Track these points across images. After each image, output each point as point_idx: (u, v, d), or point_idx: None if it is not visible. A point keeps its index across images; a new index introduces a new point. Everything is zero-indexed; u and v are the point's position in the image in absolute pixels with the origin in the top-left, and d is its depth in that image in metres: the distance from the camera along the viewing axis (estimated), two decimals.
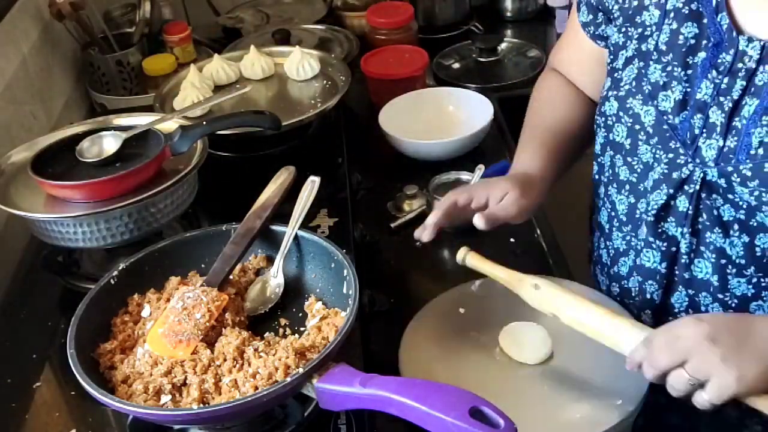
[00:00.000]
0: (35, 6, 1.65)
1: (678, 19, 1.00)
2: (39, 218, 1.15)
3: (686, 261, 1.02)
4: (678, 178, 0.99)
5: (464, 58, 1.94)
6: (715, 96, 0.95)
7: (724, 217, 0.97)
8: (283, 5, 2.15)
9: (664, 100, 1.00)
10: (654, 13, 1.02)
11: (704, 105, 0.96)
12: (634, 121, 1.03)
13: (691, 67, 0.98)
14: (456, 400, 0.77)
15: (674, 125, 0.99)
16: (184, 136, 1.21)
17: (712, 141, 0.96)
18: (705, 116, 0.96)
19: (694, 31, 0.98)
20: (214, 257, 1.06)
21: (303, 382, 0.86)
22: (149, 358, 0.94)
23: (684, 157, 0.99)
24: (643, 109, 1.02)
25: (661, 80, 1.00)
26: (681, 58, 0.99)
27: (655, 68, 1.01)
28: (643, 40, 1.03)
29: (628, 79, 1.04)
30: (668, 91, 0.99)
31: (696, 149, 0.97)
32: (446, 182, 1.40)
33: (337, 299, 1.01)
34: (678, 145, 0.99)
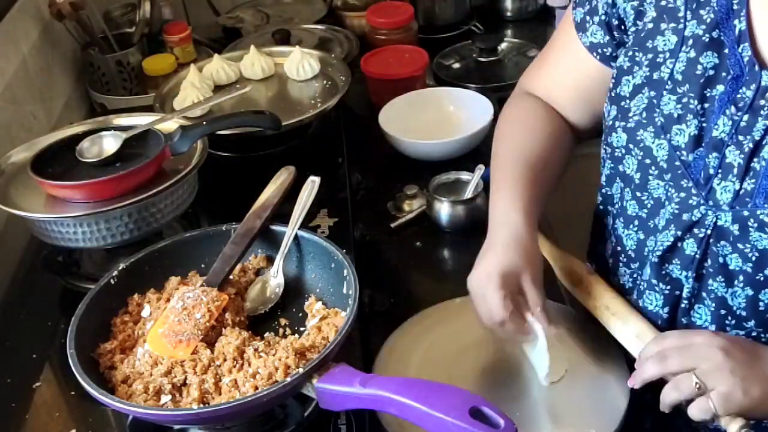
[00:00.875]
0: (35, 6, 1.65)
1: (697, 47, 0.92)
2: (39, 218, 1.15)
3: (686, 306, 0.97)
4: (688, 220, 0.93)
5: (464, 58, 1.94)
6: (733, 134, 0.88)
7: (730, 266, 0.91)
8: (283, 5, 2.15)
9: (678, 134, 0.93)
10: (670, 39, 0.95)
11: (720, 143, 0.89)
12: (645, 155, 0.96)
13: (708, 100, 0.91)
14: (456, 400, 0.77)
15: (687, 162, 0.92)
16: (184, 136, 1.21)
17: (728, 183, 0.89)
18: (721, 155, 0.89)
19: (713, 62, 0.91)
20: (214, 257, 1.06)
21: (303, 382, 0.86)
22: (149, 358, 0.94)
23: (696, 198, 0.92)
24: (655, 142, 0.95)
25: (676, 113, 0.93)
26: (698, 89, 0.91)
27: (669, 99, 0.94)
28: (656, 67, 0.96)
29: (638, 109, 0.97)
30: (683, 124, 0.92)
31: (710, 191, 0.91)
32: (446, 182, 1.40)
33: (337, 299, 1.01)
34: (691, 184, 0.92)
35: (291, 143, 1.50)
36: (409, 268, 1.31)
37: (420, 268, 1.30)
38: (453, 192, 1.38)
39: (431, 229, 1.37)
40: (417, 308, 1.19)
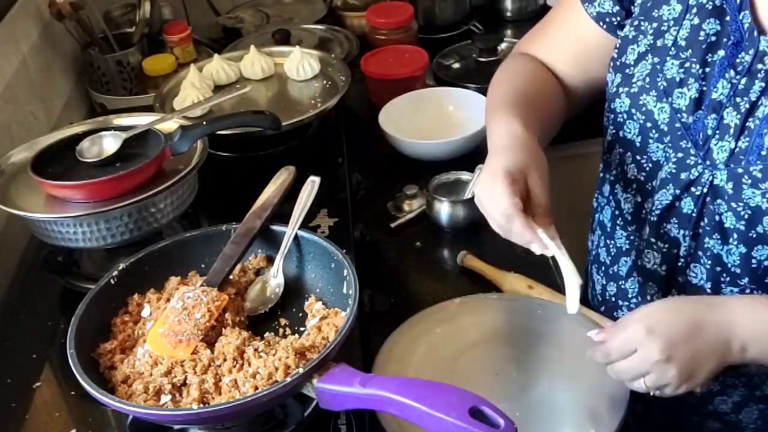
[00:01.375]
0: (35, 6, 1.65)
1: (701, 14, 0.96)
2: (39, 218, 1.14)
3: (683, 265, 1.01)
4: (686, 179, 0.97)
5: (464, 58, 1.94)
6: (731, 97, 0.93)
7: (725, 224, 0.95)
8: (283, 5, 2.15)
9: (679, 98, 0.97)
10: (675, 8, 0.99)
11: (719, 105, 0.94)
12: (646, 119, 1.00)
13: (710, 65, 0.95)
14: (456, 400, 0.77)
15: (687, 124, 0.96)
16: (184, 136, 1.21)
17: (725, 143, 0.93)
18: (719, 117, 0.94)
19: (716, 28, 0.95)
20: (214, 257, 1.06)
21: (303, 382, 0.86)
22: (149, 358, 0.94)
23: (694, 158, 0.96)
24: (657, 106, 0.99)
25: (678, 77, 0.97)
26: (700, 55, 0.96)
27: (672, 64, 0.98)
28: (659, 35, 1.00)
29: (641, 75, 1.01)
30: (684, 88, 0.96)
31: (707, 151, 0.95)
32: (446, 182, 1.40)
33: (337, 299, 1.01)
34: (689, 145, 0.96)
35: (291, 143, 1.50)
36: (409, 268, 1.31)
37: (420, 268, 1.30)
38: (453, 192, 1.38)
39: (431, 229, 1.37)
40: (417, 308, 1.19)
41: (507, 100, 1.06)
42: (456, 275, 1.27)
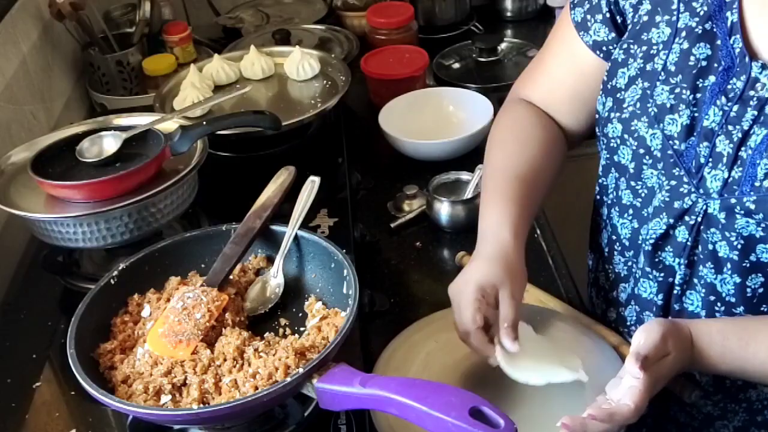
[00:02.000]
0: (35, 6, 1.65)
1: (690, 38, 0.94)
2: (39, 218, 1.14)
3: (679, 293, 0.99)
4: (680, 207, 0.95)
5: (464, 58, 1.94)
6: (723, 124, 0.90)
7: (719, 253, 0.94)
8: (283, 5, 2.15)
9: (670, 124, 0.94)
10: (664, 31, 0.96)
11: (711, 133, 0.91)
12: (639, 144, 0.97)
13: (701, 90, 0.93)
14: (456, 400, 0.77)
15: (680, 152, 0.94)
16: (184, 136, 1.21)
17: (718, 172, 0.91)
18: (711, 145, 0.91)
19: (706, 53, 0.93)
20: (214, 257, 1.06)
21: (303, 382, 0.86)
22: (149, 358, 0.94)
23: (687, 185, 0.94)
24: (649, 132, 0.96)
25: (669, 103, 0.94)
26: (690, 80, 0.93)
27: (662, 89, 0.95)
28: (649, 59, 0.98)
29: (632, 99, 0.98)
30: (675, 114, 0.94)
31: (701, 179, 0.93)
32: (446, 182, 1.40)
33: (337, 299, 1.01)
34: (682, 173, 0.94)
35: (291, 143, 1.50)
36: (409, 268, 1.31)
37: (420, 268, 1.30)
38: (453, 192, 1.39)
39: (431, 229, 1.37)
40: (417, 308, 1.19)
41: (506, 188, 1.05)
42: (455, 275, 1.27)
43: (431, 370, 1.04)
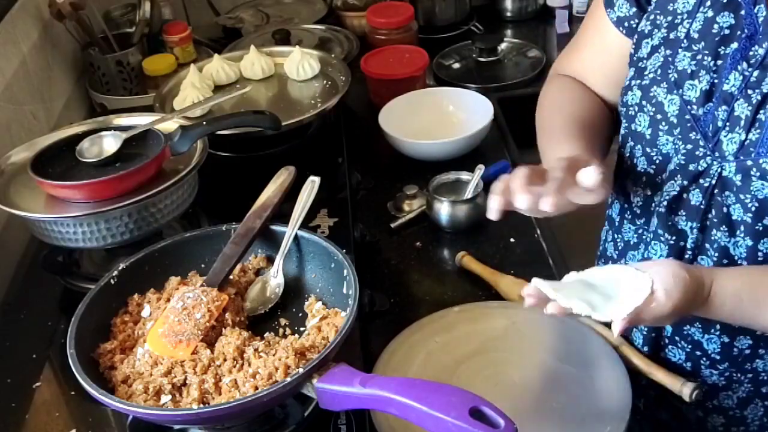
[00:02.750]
0: (35, 6, 1.65)
1: (715, 7, 0.96)
2: (39, 218, 1.14)
3: (690, 257, 1.01)
4: (694, 170, 0.97)
5: (464, 58, 1.94)
6: (743, 89, 0.93)
7: (733, 216, 0.95)
8: (283, 5, 2.15)
9: (690, 89, 0.97)
10: (689, 1, 0.99)
11: (730, 97, 0.93)
12: (657, 110, 1.00)
13: (722, 57, 0.95)
14: (456, 400, 0.77)
15: (698, 116, 0.96)
16: (184, 136, 1.21)
17: (735, 135, 0.93)
18: (730, 109, 0.93)
19: (729, 21, 0.95)
20: (214, 257, 1.06)
21: (303, 382, 0.86)
22: (149, 358, 0.94)
23: (703, 149, 0.96)
24: (668, 98, 0.99)
25: (689, 68, 0.97)
26: (713, 47, 0.95)
27: (684, 56, 0.98)
28: (673, 28, 1.00)
29: (653, 67, 1.01)
30: (695, 80, 0.96)
31: (717, 142, 0.95)
32: (446, 182, 1.40)
33: (337, 299, 1.01)
34: (699, 136, 0.96)
35: (291, 143, 1.50)
36: (409, 268, 1.31)
37: (420, 268, 1.30)
38: (453, 192, 1.38)
39: (431, 229, 1.37)
40: (417, 308, 1.19)
41: (565, 128, 1.07)
42: (456, 275, 1.27)
43: (431, 370, 1.04)
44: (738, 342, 1.01)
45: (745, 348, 1.01)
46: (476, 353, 1.06)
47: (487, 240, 1.33)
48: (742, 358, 1.02)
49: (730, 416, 1.08)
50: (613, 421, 0.94)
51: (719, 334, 1.02)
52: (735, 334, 1.01)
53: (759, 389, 1.05)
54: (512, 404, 0.96)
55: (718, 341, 1.02)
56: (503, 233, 1.33)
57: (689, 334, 1.05)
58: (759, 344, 1.01)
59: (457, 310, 1.13)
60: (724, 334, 1.02)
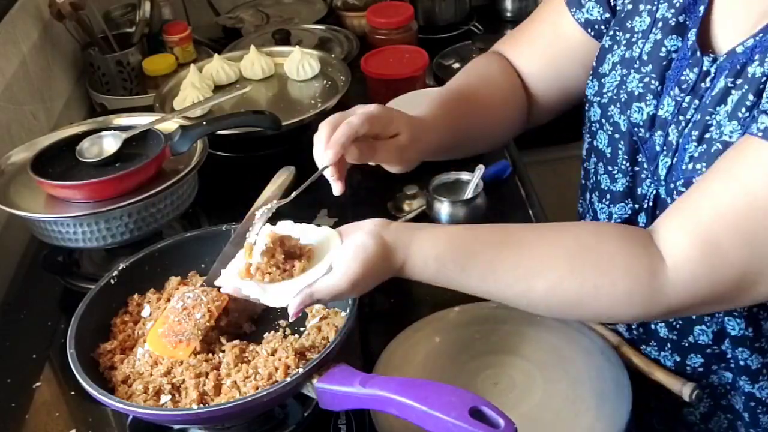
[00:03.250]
0: (35, 6, 1.65)
1: (664, 30, 0.96)
2: (39, 218, 1.15)
3: None
4: (640, 193, 0.99)
5: (464, 58, 1.93)
6: (676, 114, 0.93)
7: None
8: (283, 5, 2.15)
9: (636, 112, 0.97)
10: (645, 20, 0.99)
11: (665, 123, 0.94)
12: (614, 130, 1.00)
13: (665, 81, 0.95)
14: (456, 400, 0.77)
15: (644, 139, 0.97)
16: (184, 136, 1.21)
17: (667, 159, 0.94)
18: (665, 134, 0.94)
19: (677, 45, 0.94)
20: (214, 257, 1.05)
21: (303, 382, 0.86)
22: (149, 358, 0.94)
23: (647, 172, 0.97)
24: (621, 118, 0.99)
25: (637, 91, 0.97)
26: (659, 71, 0.95)
27: (633, 77, 0.98)
28: (629, 46, 1.00)
29: (611, 86, 1.01)
30: (642, 103, 0.96)
31: (656, 167, 0.96)
32: (446, 182, 1.39)
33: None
34: (644, 159, 0.97)
35: (291, 143, 1.50)
36: None
37: None
38: (453, 192, 1.38)
39: None
40: (417, 309, 1.19)
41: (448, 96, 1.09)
42: None
43: (431, 370, 1.04)
44: (689, 360, 1.02)
45: (697, 366, 1.02)
46: (476, 353, 1.06)
47: None
48: (697, 375, 1.02)
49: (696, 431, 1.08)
50: (613, 420, 0.94)
51: (671, 353, 1.02)
52: (685, 352, 1.01)
53: (719, 402, 1.05)
54: (512, 404, 0.97)
55: (671, 359, 1.03)
56: None
57: (646, 354, 1.05)
58: (711, 361, 1.01)
59: (457, 310, 1.13)
60: (675, 352, 1.02)
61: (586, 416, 0.95)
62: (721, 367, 1.01)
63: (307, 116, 1.46)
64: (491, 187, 1.39)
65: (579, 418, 0.95)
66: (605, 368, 1.01)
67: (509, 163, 1.49)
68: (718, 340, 0.99)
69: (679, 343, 1.01)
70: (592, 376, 1.00)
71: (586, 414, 0.95)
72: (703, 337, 0.99)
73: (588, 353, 1.03)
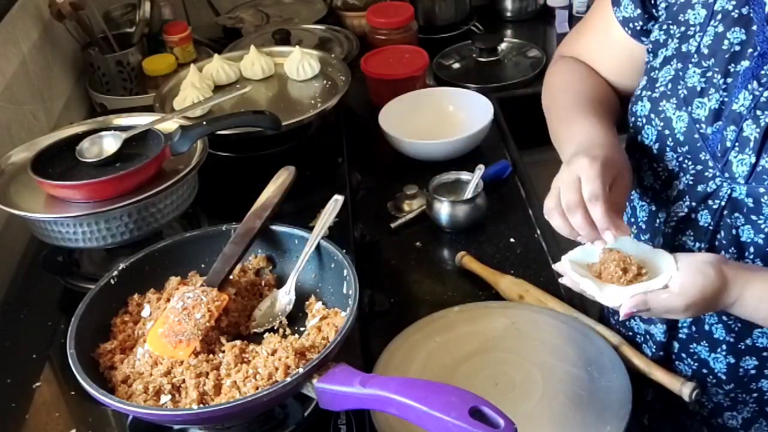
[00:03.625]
0: (35, 6, 1.65)
1: (725, 22, 0.93)
2: (39, 218, 1.14)
3: None
4: (703, 191, 0.95)
5: (464, 58, 1.94)
6: (752, 109, 0.90)
7: (742, 237, 0.94)
8: (283, 5, 2.15)
9: (699, 108, 0.94)
10: (700, 13, 0.96)
11: (739, 117, 0.91)
12: (665, 126, 0.97)
13: (732, 75, 0.92)
14: (456, 400, 0.77)
15: (706, 135, 0.94)
16: (184, 136, 1.21)
17: (744, 156, 0.90)
18: (739, 129, 0.91)
19: (741, 38, 0.92)
20: (214, 257, 1.06)
21: (303, 382, 0.86)
22: (149, 358, 0.94)
23: (712, 170, 0.94)
24: (676, 114, 0.96)
25: (699, 86, 0.94)
26: (723, 64, 0.93)
27: (694, 72, 0.95)
28: (685, 40, 0.97)
29: (664, 80, 0.98)
30: (705, 98, 0.94)
31: (726, 163, 0.92)
32: (446, 182, 1.40)
33: (337, 299, 1.01)
34: (708, 156, 0.94)
35: (291, 143, 1.50)
36: (409, 268, 1.31)
37: (420, 268, 1.30)
38: (453, 192, 1.38)
39: (431, 229, 1.37)
40: (417, 308, 1.19)
41: (576, 106, 1.04)
42: (456, 275, 1.27)
43: (431, 370, 1.04)
44: (744, 362, 1.01)
45: (750, 368, 1.01)
46: (476, 353, 1.06)
47: (487, 240, 1.33)
48: (748, 378, 1.02)
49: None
50: (613, 420, 0.94)
51: (725, 354, 1.01)
52: (741, 354, 1.00)
53: (763, 409, 1.04)
54: (512, 404, 0.97)
55: (724, 361, 1.02)
56: (503, 233, 1.34)
57: (696, 352, 1.04)
58: (765, 365, 1.00)
59: (457, 310, 1.13)
60: (730, 354, 1.01)
61: (586, 416, 0.95)
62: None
63: (307, 116, 1.46)
64: (491, 187, 1.40)
65: (579, 418, 0.95)
66: (605, 368, 1.01)
67: (509, 163, 1.49)
68: None
69: (736, 346, 1.00)
70: (592, 376, 1.00)
71: (586, 414, 0.95)
72: (762, 340, 0.99)
73: (588, 353, 1.03)
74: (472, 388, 0.98)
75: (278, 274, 1.09)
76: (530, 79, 1.83)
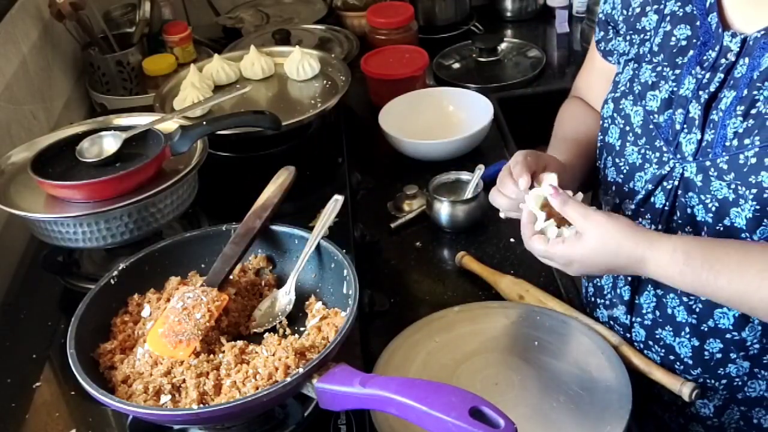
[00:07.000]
0: (35, 6, 1.65)
1: (672, 21, 1.01)
2: (39, 218, 1.14)
3: None
4: (658, 174, 1.00)
5: (464, 58, 1.94)
6: (696, 91, 0.97)
7: (697, 217, 0.97)
8: (283, 5, 2.15)
9: (651, 100, 1.01)
10: (652, 18, 1.04)
11: (685, 100, 0.98)
12: (625, 123, 1.04)
13: (680, 66, 1.00)
14: (456, 400, 0.77)
15: (659, 123, 1.00)
16: (184, 136, 1.21)
17: (691, 135, 0.97)
18: (686, 111, 0.97)
19: (686, 33, 1.00)
20: (214, 257, 1.06)
21: (303, 382, 0.86)
22: (149, 358, 0.94)
23: (666, 154, 1.00)
24: (633, 109, 1.03)
25: (650, 80, 1.02)
26: (671, 58, 1.00)
27: (646, 69, 1.03)
28: (642, 44, 1.05)
29: (624, 81, 1.06)
30: (656, 90, 1.01)
31: (677, 145, 0.98)
32: (446, 182, 1.40)
33: (337, 299, 1.01)
34: (662, 143, 1.00)
35: (291, 143, 1.50)
36: (409, 268, 1.31)
37: (420, 268, 1.30)
38: (453, 192, 1.38)
39: (431, 229, 1.37)
40: (417, 308, 1.19)
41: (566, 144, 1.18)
42: (456, 275, 1.27)
43: (431, 370, 1.04)
44: (708, 345, 1.02)
45: (716, 352, 1.02)
46: (476, 353, 1.06)
47: (487, 240, 1.33)
48: (714, 363, 1.03)
49: (709, 425, 1.09)
50: (613, 420, 0.94)
51: (689, 337, 1.03)
52: (704, 337, 1.02)
53: (734, 395, 1.05)
54: (512, 404, 0.97)
55: (689, 345, 1.03)
56: (503, 233, 1.34)
57: (661, 338, 1.05)
58: (729, 348, 1.01)
59: (457, 310, 1.13)
60: (693, 337, 1.02)
61: (586, 416, 0.95)
62: (740, 356, 1.01)
63: (307, 116, 1.46)
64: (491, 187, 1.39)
65: (579, 418, 0.95)
66: (605, 368, 1.01)
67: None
68: (739, 326, 0.99)
69: (699, 328, 1.01)
70: (592, 376, 1.00)
71: (586, 414, 0.96)
72: (724, 321, 1.00)
73: (588, 353, 1.03)
74: (472, 388, 0.99)
75: (278, 274, 1.09)
76: (530, 79, 1.83)
